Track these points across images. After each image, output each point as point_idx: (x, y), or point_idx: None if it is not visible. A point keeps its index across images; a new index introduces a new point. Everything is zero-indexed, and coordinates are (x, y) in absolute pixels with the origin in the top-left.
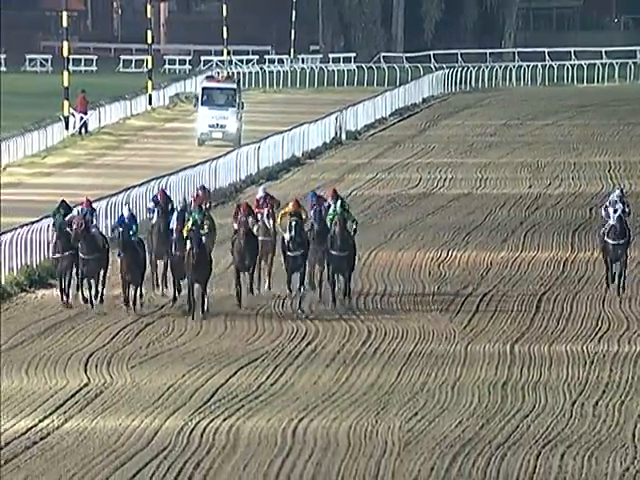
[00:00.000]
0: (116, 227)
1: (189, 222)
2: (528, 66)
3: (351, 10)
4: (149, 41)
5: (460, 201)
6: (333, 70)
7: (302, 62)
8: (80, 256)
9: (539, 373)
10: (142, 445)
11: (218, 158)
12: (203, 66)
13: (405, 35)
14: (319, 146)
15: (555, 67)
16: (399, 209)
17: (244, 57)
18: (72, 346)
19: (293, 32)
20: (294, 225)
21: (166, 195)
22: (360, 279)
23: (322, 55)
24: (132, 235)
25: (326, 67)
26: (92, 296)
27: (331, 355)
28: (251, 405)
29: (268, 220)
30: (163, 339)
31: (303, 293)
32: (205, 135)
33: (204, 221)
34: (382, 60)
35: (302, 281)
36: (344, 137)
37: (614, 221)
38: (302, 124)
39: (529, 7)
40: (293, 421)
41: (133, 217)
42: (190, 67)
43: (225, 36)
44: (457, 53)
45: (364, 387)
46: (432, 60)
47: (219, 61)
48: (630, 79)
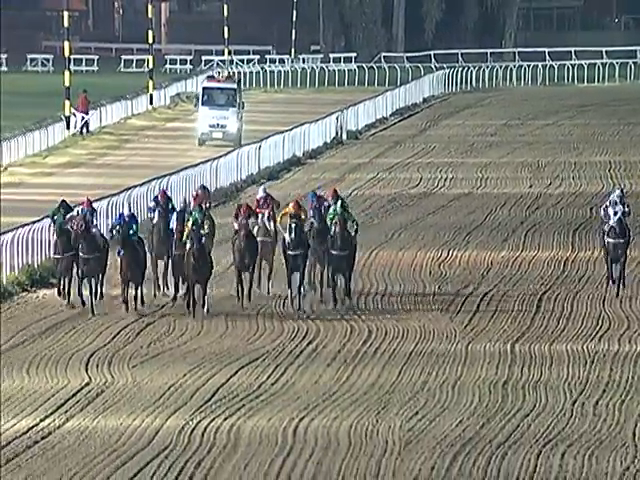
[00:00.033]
0: (115, 226)
1: (189, 222)
2: (529, 66)
3: (352, 10)
4: (150, 41)
5: (461, 201)
6: (334, 70)
7: (303, 62)
8: (80, 255)
9: (540, 372)
10: (143, 444)
11: (219, 158)
12: (204, 66)
13: (406, 35)
14: (320, 146)
15: (555, 67)
16: (400, 209)
17: (245, 57)
18: (73, 345)
19: (294, 32)
20: (294, 227)
21: (167, 195)
22: (361, 279)
23: (323, 55)
24: (132, 234)
25: (327, 67)
26: (92, 297)
27: (332, 354)
28: (252, 404)
29: (269, 222)
30: (164, 338)
31: (304, 293)
32: (206, 135)
33: (204, 221)
34: (383, 60)
35: (302, 281)
36: (345, 137)
37: (614, 222)
38: (303, 124)
39: (529, 7)
40: (294, 420)
41: (133, 216)
42: (191, 67)
43: (226, 36)
44: (458, 53)
45: (365, 386)
46: (433, 60)
47: (220, 61)
48: (630, 79)
